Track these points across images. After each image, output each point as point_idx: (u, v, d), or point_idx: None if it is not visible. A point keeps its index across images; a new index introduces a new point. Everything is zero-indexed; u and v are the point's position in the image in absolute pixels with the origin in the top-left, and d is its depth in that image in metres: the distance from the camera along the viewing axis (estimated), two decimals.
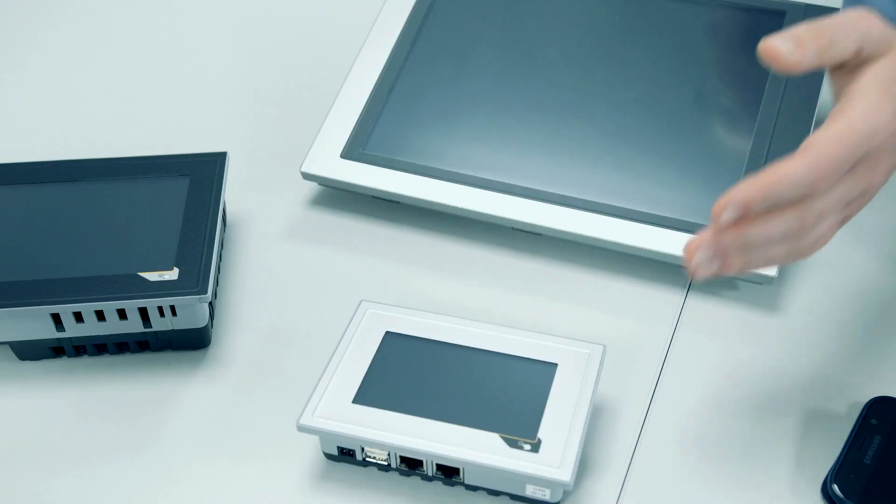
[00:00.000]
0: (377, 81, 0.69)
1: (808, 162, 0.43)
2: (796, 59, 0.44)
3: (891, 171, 0.48)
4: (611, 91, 0.66)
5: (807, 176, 0.43)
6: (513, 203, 0.63)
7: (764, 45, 0.44)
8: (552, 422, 0.50)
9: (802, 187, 0.43)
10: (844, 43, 0.45)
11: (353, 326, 0.55)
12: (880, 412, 0.52)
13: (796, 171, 0.43)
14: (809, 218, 0.45)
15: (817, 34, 0.45)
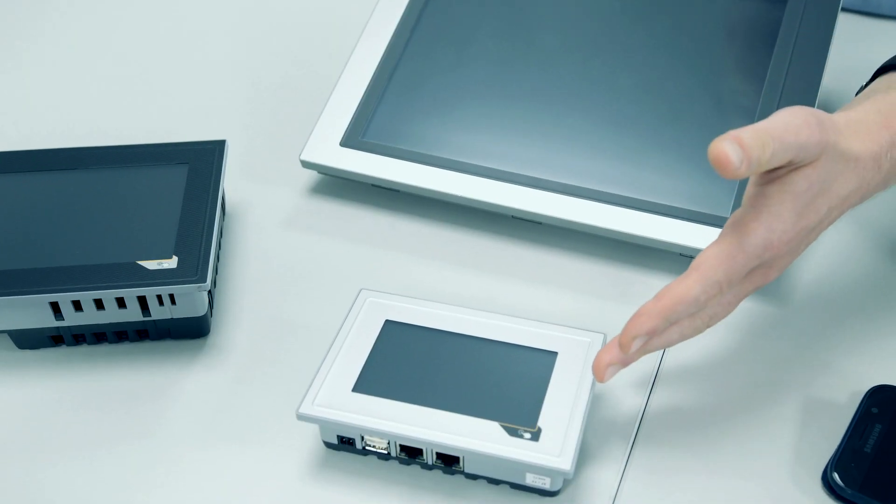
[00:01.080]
0: (377, 69, 0.69)
1: (702, 283, 0.46)
2: (741, 173, 0.44)
3: (785, 268, 0.50)
4: (611, 79, 0.66)
5: (700, 296, 0.46)
6: (513, 191, 0.62)
7: (713, 148, 0.44)
8: (552, 410, 0.50)
9: (696, 305, 0.47)
10: (781, 155, 0.46)
11: (352, 315, 0.55)
12: (881, 401, 0.52)
13: (689, 292, 0.46)
14: (702, 320, 0.49)
15: (762, 144, 0.45)
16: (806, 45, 0.65)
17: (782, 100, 0.63)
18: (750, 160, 0.44)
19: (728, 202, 0.60)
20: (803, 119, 0.46)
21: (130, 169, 0.61)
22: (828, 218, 0.50)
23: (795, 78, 0.64)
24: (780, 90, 0.64)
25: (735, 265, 0.46)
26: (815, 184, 0.47)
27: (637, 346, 0.47)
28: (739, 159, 0.44)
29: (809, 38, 0.65)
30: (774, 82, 0.64)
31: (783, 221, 0.47)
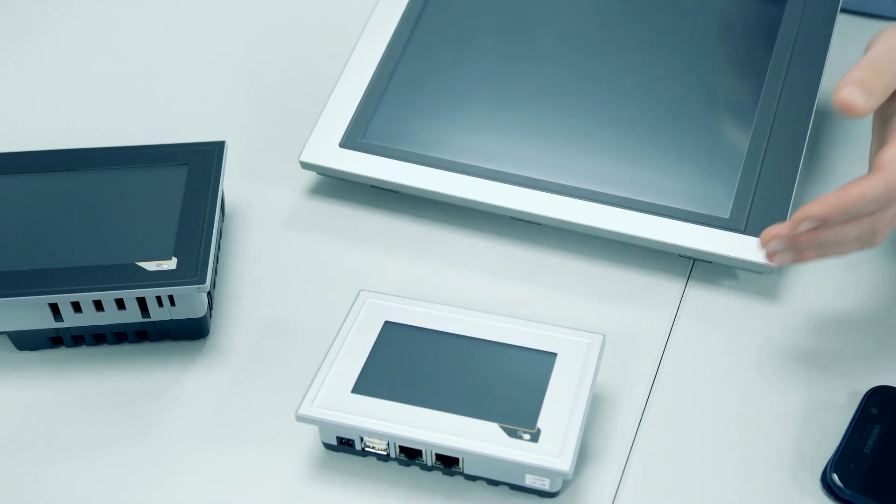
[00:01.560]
0: (376, 70, 0.69)
1: (885, 181, 0.48)
2: (869, 108, 0.48)
3: None
4: (610, 79, 0.66)
5: (883, 194, 0.48)
6: (512, 192, 0.62)
7: (839, 97, 0.48)
8: (551, 411, 0.50)
9: (878, 203, 0.48)
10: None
11: (352, 316, 0.55)
12: (880, 401, 0.52)
13: (873, 189, 0.48)
14: (882, 224, 0.50)
15: (879, 76, 0.48)
16: (805, 46, 0.65)
17: (781, 100, 0.63)
18: (871, 92, 0.48)
19: (727, 203, 0.60)
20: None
21: (130, 170, 0.61)
22: None
23: (795, 78, 0.64)
24: (780, 90, 0.64)
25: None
26: None
27: (805, 228, 0.48)
28: (865, 97, 0.48)
29: (809, 39, 0.65)
30: (774, 82, 0.64)
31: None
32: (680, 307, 0.60)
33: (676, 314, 0.59)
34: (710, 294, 0.60)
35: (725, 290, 0.60)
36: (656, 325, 0.59)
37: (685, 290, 0.61)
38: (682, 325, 0.59)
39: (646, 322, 0.59)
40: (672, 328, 0.59)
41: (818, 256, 0.51)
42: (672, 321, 0.59)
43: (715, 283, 0.61)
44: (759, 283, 0.61)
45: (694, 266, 0.62)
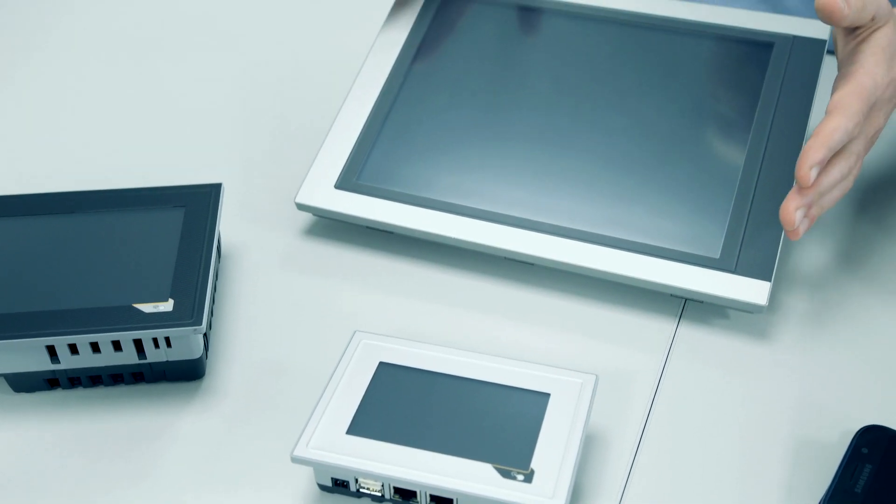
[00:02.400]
0: (371, 112, 0.70)
1: (846, 114, 0.56)
2: (845, 14, 0.56)
3: (888, 116, 0.60)
4: (602, 121, 0.67)
5: (847, 124, 0.55)
6: (506, 233, 0.63)
7: (821, 2, 0.56)
8: (545, 452, 0.50)
9: (847, 134, 0.56)
10: (869, 9, 0.57)
11: (346, 357, 0.55)
12: (871, 441, 0.52)
13: (840, 123, 0.55)
14: (851, 159, 0.58)
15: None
16: (793, 87, 0.66)
17: (770, 141, 0.64)
18: (851, 6, 0.56)
19: (718, 243, 0.61)
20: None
21: (127, 213, 0.62)
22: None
23: (783, 119, 0.65)
24: (768, 131, 0.65)
25: (861, 99, 0.56)
26: (892, 42, 0.58)
27: (814, 176, 0.55)
28: (845, 7, 0.56)
29: (796, 80, 0.66)
30: (762, 123, 0.65)
31: (879, 67, 0.57)
32: (672, 347, 0.60)
33: (668, 354, 0.60)
34: (701, 333, 0.61)
35: (717, 329, 0.61)
36: (648, 364, 0.59)
37: (677, 329, 0.61)
38: (673, 364, 0.59)
39: (638, 361, 0.59)
40: (664, 367, 0.59)
41: (819, 212, 0.57)
42: (664, 360, 0.59)
43: (706, 322, 0.62)
44: (749, 322, 0.61)
45: (685, 306, 0.63)
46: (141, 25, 0.89)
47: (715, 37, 0.70)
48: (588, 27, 0.72)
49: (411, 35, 0.73)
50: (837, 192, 0.58)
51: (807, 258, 0.65)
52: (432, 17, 0.74)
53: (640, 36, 0.71)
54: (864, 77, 0.57)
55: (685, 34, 0.70)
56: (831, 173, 0.57)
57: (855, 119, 0.56)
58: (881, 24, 0.59)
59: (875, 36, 0.59)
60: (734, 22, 0.70)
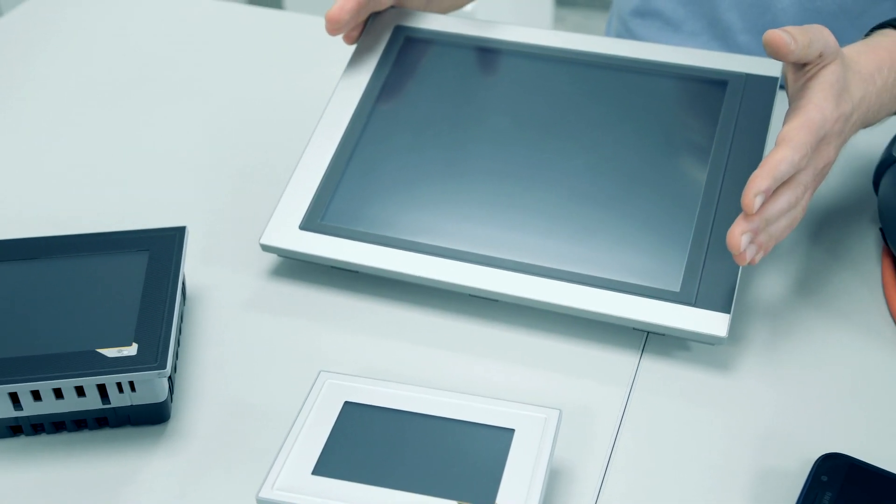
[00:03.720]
0: (335, 153, 0.70)
1: (793, 147, 0.58)
2: (791, 49, 0.58)
3: (838, 150, 0.62)
4: (563, 159, 0.68)
5: (794, 156, 0.58)
6: (470, 270, 0.64)
7: (768, 36, 0.59)
8: (510, 487, 0.51)
9: (794, 166, 0.58)
10: (815, 46, 0.59)
11: (312, 397, 0.56)
12: (830, 468, 0.53)
13: (786, 155, 0.57)
14: (799, 189, 0.59)
15: (802, 33, 0.59)
16: (747, 124, 0.68)
17: (726, 176, 0.66)
18: (798, 42, 0.58)
19: (678, 277, 0.62)
20: (821, 26, 0.61)
21: (90, 257, 0.62)
22: (854, 113, 0.62)
23: (739, 154, 0.66)
24: (725, 166, 0.66)
25: (810, 132, 0.58)
26: (840, 78, 0.60)
27: (758, 204, 0.56)
28: (792, 42, 0.58)
29: (750, 117, 0.68)
30: (719, 158, 0.66)
31: (828, 102, 0.59)
32: (635, 379, 0.61)
33: (632, 386, 0.61)
34: (663, 366, 0.62)
35: (679, 361, 0.62)
36: (612, 397, 0.60)
37: (639, 362, 0.62)
38: (637, 397, 0.60)
39: (602, 395, 0.60)
40: (627, 400, 0.60)
41: (768, 241, 0.59)
42: (628, 393, 0.60)
43: (668, 355, 0.62)
44: (711, 354, 0.62)
45: (648, 339, 0.63)
46: (107, 71, 0.90)
47: (671, 75, 0.71)
48: (548, 67, 0.73)
49: (374, 76, 0.74)
50: (786, 221, 0.60)
51: (765, 289, 0.66)
52: (394, 58, 0.75)
53: (599, 75, 0.72)
54: (813, 111, 0.59)
55: (642, 73, 0.72)
56: (778, 202, 0.59)
57: (802, 151, 0.57)
58: (829, 61, 0.60)
59: (823, 73, 0.60)
60: (689, 61, 0.71)
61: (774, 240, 0.59)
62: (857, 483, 0.52)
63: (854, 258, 0.68)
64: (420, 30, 0.76)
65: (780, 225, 0.59)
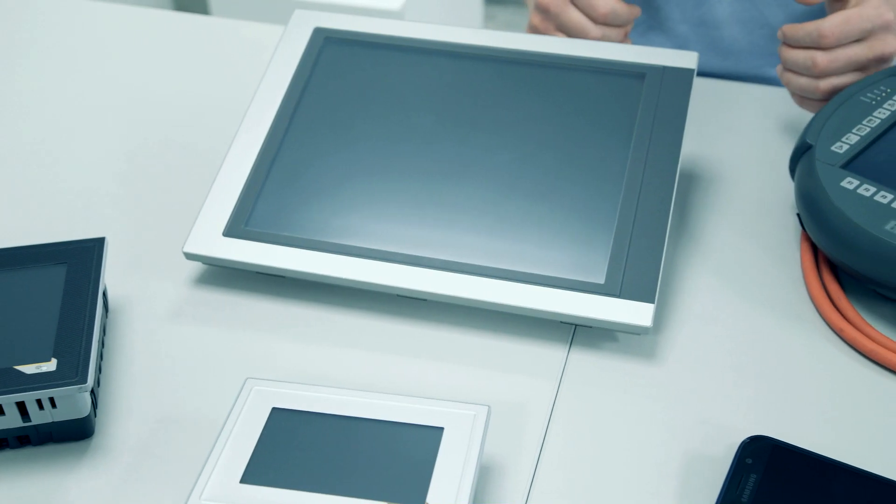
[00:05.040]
0: (257, 157, 0.70)
1: (815, 26, 0.69)
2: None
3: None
4: (486, 157, 0.69)
5: (811, 32, 0.69)
6: (397, 271, 0.64)
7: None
8: (440, 486, 0.51)
9: (809, 39, 0.69)
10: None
11: (238, 405, 0.55)
12: (754, 451, 0.54)
13: (805, 27, 0.69)
14: (819, 61, 0.70)
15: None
16: (665, 115, 0.69)
17: (647, 167, 0.66)
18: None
19: (602, 269, 0.63)
20: None
21: (6, 272, 0.60)
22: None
23: (658, 145, 0.67)
24: (645, 158, 0.67)
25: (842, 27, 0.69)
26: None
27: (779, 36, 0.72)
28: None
29: (668, 108, 0.69)
30: (639, 151, 0.67)
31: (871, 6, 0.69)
32: (564, 372, 0.61)
33: (561, 379, 0.61)
34: (592, 358, 0.62)
35: (607, 353, 0.63)
36: (542, 391, 0.60)
37: (568, 355, 0.62)
38: (566, 389, 0.60)
39: (532, 389, 0.60)
40: (557, 393, 0.60)
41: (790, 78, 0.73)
42: (557, 386, 0.61)
43: (596, 346, 0.63)
44: (637, 344, 0.63)
45: (576, 332, 0.64)
46: (21, 78, 0.88)
47: (591, 70, 0.72)
48: (469, 65, 0.73)
49: (294, 79, 0.73)
50: (803, 80, 0.72)
51: (688, 278, 0.67)
52: (314, 59, 0.74)
53: (520, 72, 0.72)
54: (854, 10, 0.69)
55: (562, 69, 0.72)
56: (793, 52, 0.71)
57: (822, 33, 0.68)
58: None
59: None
60: (608, 55, 0.72)
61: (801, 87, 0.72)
62: (781, 464, 0.53)
63: (774, 244, 0.70)
64: (339, 31, 0.76)
65: (799, 80, 0.72)
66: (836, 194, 0.64)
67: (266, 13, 1.97)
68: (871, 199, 0.63)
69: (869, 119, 0.68)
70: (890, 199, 0.63)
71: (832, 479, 0.53)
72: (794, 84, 0.73)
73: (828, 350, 0.62)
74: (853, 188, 0.64)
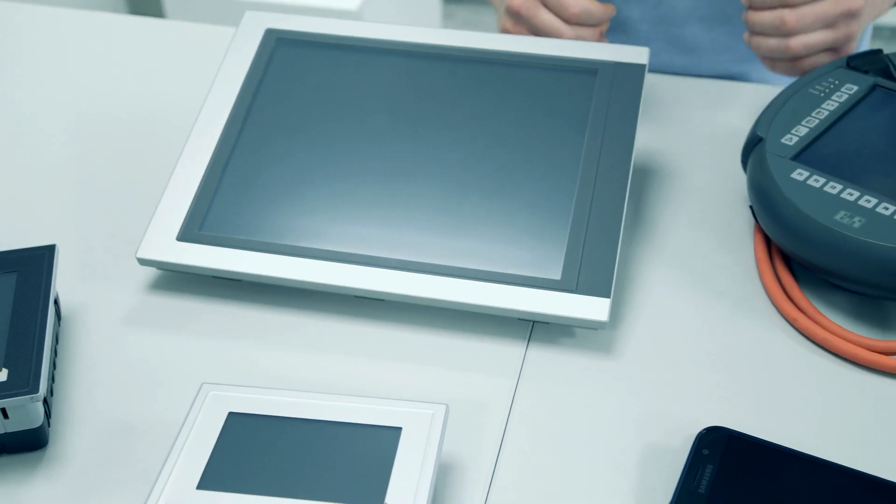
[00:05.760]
0: (211, 160, 0.69)
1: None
2: None
3: None
4: (440, 155, 0.69)
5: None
6: (353, 272, 0.63)
7: None
8: (399, 486, 0.51)
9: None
10: None
11: (194, 410, 0.54)
12: (711, 442, 0.55)
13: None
14: (788, 19, 0.71)
15: None
16: (617, 110, 0.69)
17: (601, 162, 0.67)
18: None
19: (558, 265, 0.63)
20: None
21: None
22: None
23: (611, 140, 0.68)
24: (599, 153, 0.67)
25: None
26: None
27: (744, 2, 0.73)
28: None
29: (620, 104, 0.69)
30: (592, 146, 0.68)
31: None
32: (522, 369, 0.62)
33: (519, 376, 0.61)
34: (550, 353, 0.62)
35: (564, 348, 0.63)
36: (501, 388, 0.60)
37: (526, 351, 0.63)
38: (525, 386, 0.60)
39: (491, 387, 0.60)
40: (516, 390, 0.60)
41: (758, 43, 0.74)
42: (516, 383, 0.61)
43: (554, 342, 0.63)
44: (595, 339, 0.63)
45: (533, 328, 0.64)
46: None
47: (543, 67, 0.72)
48: (422, 64, 0.73)
49: (247, 81, 0.73)
50: (773, 41, 0.73)
51: (644, 272, 0.68)
52: (266, 61, 0.74)
53: (473, 70, 0.73)
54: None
55: (515, 66, 0.72)
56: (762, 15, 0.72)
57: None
58: None
59: None
60: (561, 52, 0.72)
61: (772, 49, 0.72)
62: (737, 454, 0.54)
63: (728, 236, 0.70)
64: (291, 32, 0.75)
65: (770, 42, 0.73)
66: (787, 186, 0.65)
67: (223, 16, 1.96)
68: (821, 190, 0.64)
69: (818, 111, 0.69)
70: (839, 190, 0.63)
71: (787, 468, 0.53)
72: (763, 46, 0.73)
73: (782, 340, 0.63)
74: (803, 179, 0.65)
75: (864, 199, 0.62)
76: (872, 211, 0.62)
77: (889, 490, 0.52)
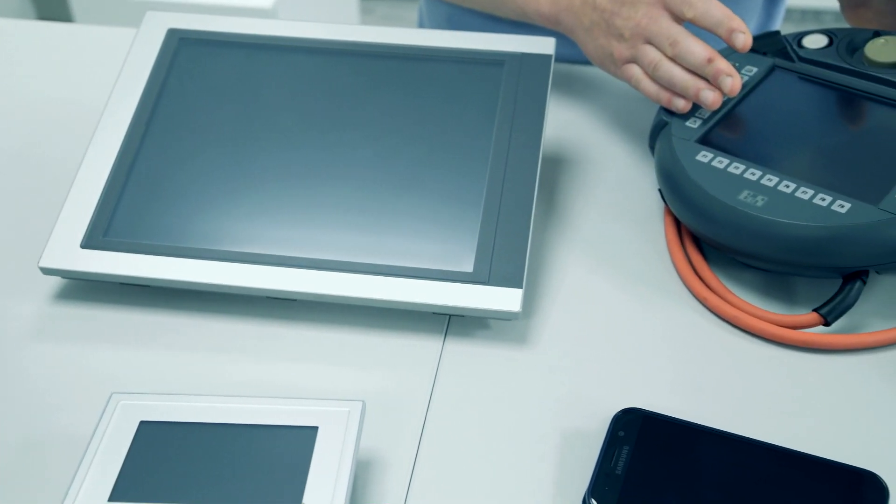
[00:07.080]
0: (114, 164, 0.67)
1: None
2: None
3: None
4: (350, 152, 0.68)
5: None
6: (264, 273, 0.63)
7: None
8: (316, 485, 0.50)
9: None
10: None
11: (104, 421, 0.53)
12: (626, 423, 0.55)
13: None
14: None
15: None
16: (526, 101, 0.69)
17: (510, 154, 0.67)
18: None
19: (470, 258, 0.63)
20: None
21: None
22: None
23: (520, 131, 0.68)
24: (508, 145, 0.67)
25: None
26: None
27: None
28: None
29: (528, 94, 0.70)
30: (501, 138, 0.68)
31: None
32: (440, 362, 0.61)
33: (437, 370, 0.61)
34: (466, 346, 0.62)
35: (480, 340, 0.63)
36: (419, 383, 0.60)
37: (443, 345, 0.63)
38: (443, 379, 0.60)
39: (409, 382, 0.60)
40: (434, 384, 0.60)
41: None
42: (433, 377, 0.61)
43: (470, 335, 0.63)
44: (510, 329, 0.63)
45: (450, 321, 0.64)
46: None
47: (450, 60, 0.72)
48: (329, 61, 0.72)
49: (150, 82, 0.71)
50: None
51: (556, 260, 0.68)
52: (169, 62, 0.72)
53: (380, 65, 0.72)
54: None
55: (422, 60, 0.72)
56: None
57: None
58: None
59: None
60: (467, 44, 0.72)
61: None
62: (652, 434, 0.55)
63: (639, 220, 0.71)
64: (194, 31, 0.74)
65: None
66: (693, 168, 0.66)
67: (136, 19, 1.91)
68: (725, 171, 0.65)
69: None
70: (742, 170, 0.65)
71: (702, 445, 0.54)
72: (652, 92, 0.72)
73: (694, 320, 0.64)
74: (708, 161, 0.66)
75: (766, 178, 0.64)
76: (774, 189, 0.63)
77: (802, 462, 0.53)
